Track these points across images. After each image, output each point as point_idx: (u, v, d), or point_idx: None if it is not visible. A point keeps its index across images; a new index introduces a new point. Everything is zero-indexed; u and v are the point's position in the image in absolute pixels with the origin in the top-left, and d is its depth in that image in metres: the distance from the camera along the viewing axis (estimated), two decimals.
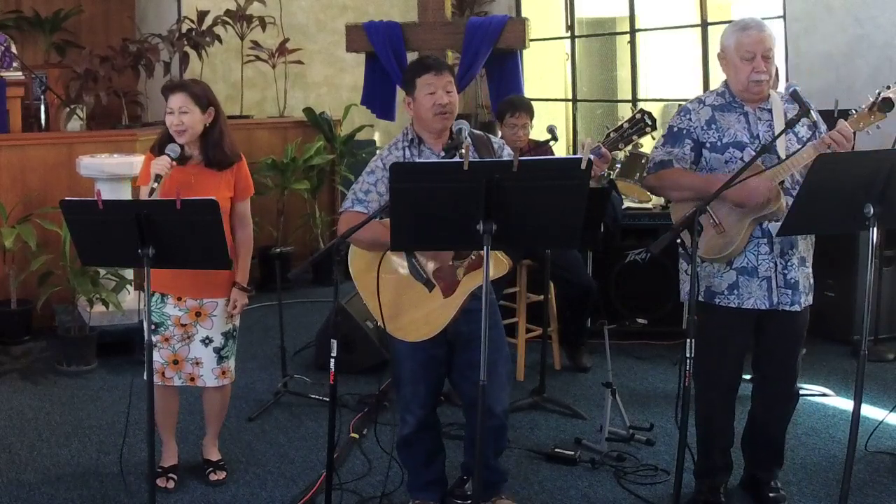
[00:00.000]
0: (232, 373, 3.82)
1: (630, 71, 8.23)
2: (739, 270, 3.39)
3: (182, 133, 3.61)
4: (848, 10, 6.14)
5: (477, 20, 5.46)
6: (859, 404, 2.97)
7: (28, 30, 8.50)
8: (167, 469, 3.85)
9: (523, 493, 3.79)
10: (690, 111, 3.47)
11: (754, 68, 3.31)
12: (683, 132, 3.45)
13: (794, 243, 3.39)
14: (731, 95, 3.44)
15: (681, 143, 3.45)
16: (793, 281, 3.38)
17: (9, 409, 4.70)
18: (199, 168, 3.67)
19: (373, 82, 5.84)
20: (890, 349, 5.44)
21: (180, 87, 3.69)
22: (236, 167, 3.76)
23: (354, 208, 3.30)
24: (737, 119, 3.41)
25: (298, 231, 7.64)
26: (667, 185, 3.51)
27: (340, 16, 8.59)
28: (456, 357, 3.39)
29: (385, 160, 3.33)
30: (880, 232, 2.96)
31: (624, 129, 3.22)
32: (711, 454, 3.63)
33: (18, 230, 5.49)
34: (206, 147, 3.68)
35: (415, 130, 3.37)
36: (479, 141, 3.37)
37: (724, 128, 3.40)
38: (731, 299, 3.41)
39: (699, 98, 3.52)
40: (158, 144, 3.70)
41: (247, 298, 3.76)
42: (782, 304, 3.39)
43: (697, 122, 3.44)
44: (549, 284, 4.95)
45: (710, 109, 3.44)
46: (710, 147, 3.41)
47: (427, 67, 3.32)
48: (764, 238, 3.36)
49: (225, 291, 3.70)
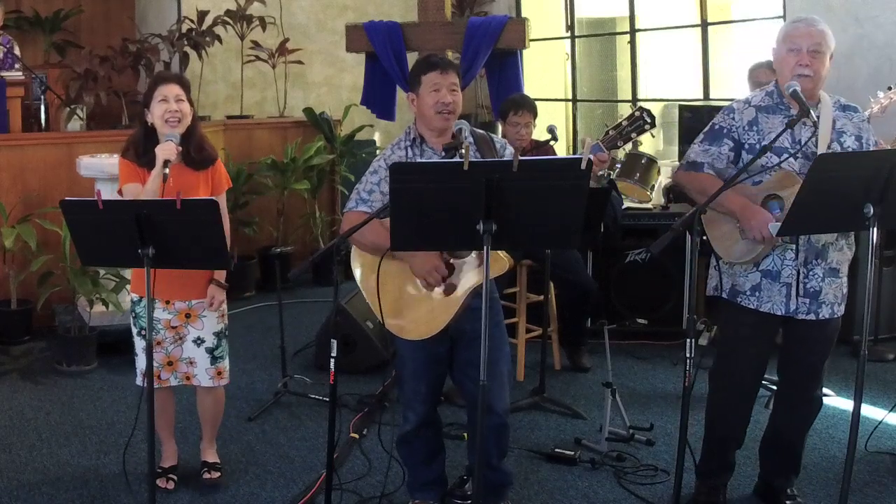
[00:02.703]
0: (227, 373, 3.80)
1: (630, 71, 8.23)
2: (764, 273, 3.36)
3: (178, 122, 3.57)
4: (848, 10, 6.14)
5: (477, 20, 5.46)
6: (859, 404, 2.97)
7: (28, 30, 8.49)
8: (167, 469, 3.86)
9: (523, 493, 3.79)
10: (735, 111, 3.42)
11: (798, 61, 3.25)
12: (724, 131, 3.40)
13: (823, 254, 3.33)
14: (779, 95, 3.39)
15: (719, 142, 3.40)
16: (813, 290, 3.33)
17: (9, 409, 4.70)
18: (178, 168, 3.59)
19: (373, 82, 5.83)
20: (890, 349, 5.45)
21: (175, 78, 3.69)
22: (212, 168, 3.73)
23: (358, 208, 3.31)
24: (780, 122, 3.32)
25: (298, 231, 7.64)
26: (695, 188, 3.44)
27: (340, 16, 8.59)
28: (457, 354, 3.39)
29: (388, 160, 3.34)
30: (880, 232, 2.95)
31: (623, 126, 3.21)
32: (716, 454, 3.61)
33: (18, 230, 5.49)
34: (186, 146, 3.63)
35: (417, 129, 3.37)
36: (481, 140, 3.37)
37: (765, 130, 3.34)
38: (751, 300, 3.39)
39: (746, 98, 3.47)
40: (133, 145, 3.65)
41: (224, 294, 3.73)
42: (799, 313, 3.35)
43: (740, 121, 3.39)
44: (549, 284, 4.94)
45: (755, 110, 3.39)
46: (749, 149, 3.36)
47: (433, 65, 3.32)
48: (792, 244, 3.32)
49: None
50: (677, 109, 6.81)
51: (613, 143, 3.19)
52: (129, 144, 3.69)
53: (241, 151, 7.42)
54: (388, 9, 8.58)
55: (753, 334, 3.44)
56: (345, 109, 7.76)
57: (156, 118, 3.59)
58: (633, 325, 5.74)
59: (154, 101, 3.59)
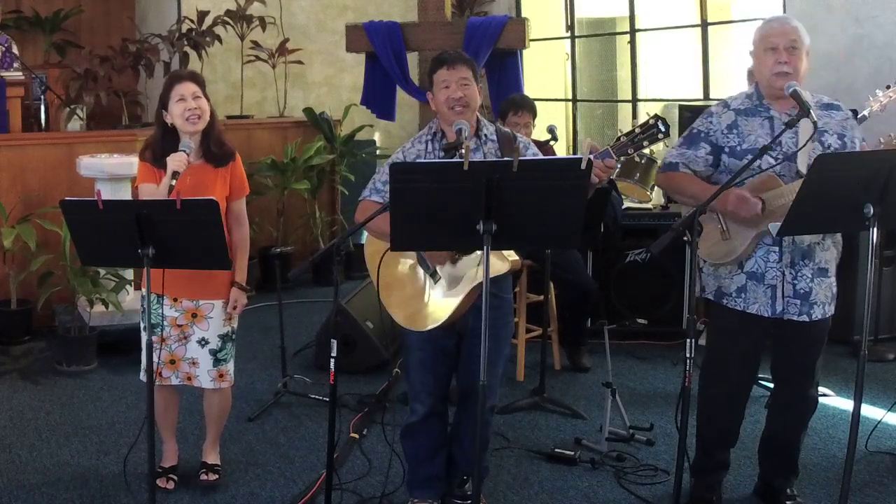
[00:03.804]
0: (230, 376, 3.78)
1: (630, 71, 8.23)
2: (749, 275, 3.38)
3: (198, 119, 3.57)
4: (848, 10, 6.14)
5: (477, 20, 5.46)
6: (859, 404, 2.97)
7: (28, 30, 8.50)
8: (167, 469, 3.85)
9: (523, 493, 3.79)
10: (713, 114, 3.43)
11: (777, 59, 3.26)
12: (701, 135, 3.42)
13: (810, 254, 3.34)
14: (758, 97, 3.40)
15: (696, 146, 3.42)
16: (803, 292, 3.34)
17: (9, 409, 4.70)
18: (197, 165, 3.62)
19: (373, 82, 5.84)
20: (890, 349, 5.45)
21: (190, 75, 3.69)
22: (231, 165, 3.74)
23: (371, 197, 3.36)
24: (760, 124, 3.35)
25: (298, 231, 7.64)
26: (672, 188, 3.52)
27: (340, 16, 8.58)
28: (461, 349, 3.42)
29: (406, 152, 3.39)
30: (880, 232, 2.95)
31: (635, 134, 3.10)
32: (709, 452, 3.63)
33: (18, 230, 5.49)
34: (207, 142, 3.65)
35: (438, 124, 3.39)
36: (504, 138, 3.39)
37: (745, 133, 3.36)
38: (737, 302, 3.40)
39: (725, 101, 3.48)
40: (151, 146, 3.65)
41: (246, 298, 3.75)
42: (789, 314, 3.35)
43: (718, 125, 3.40)
44: (549, 284, 4.94)
45: (734, 114, 3.40)
46: (730, 152, 3.37)
47: (441, 62, 3.33)
48: (775, 246, 3.33)
49: (221, 293, 3.68)
50: (677, 109, 6.81)
51: (624, 151, 3.08)
52: (147, 146, 3.69)
53: (241, 151, 7.24)
54: (388, 9, 8.58)
55: (740, 334, 3.45)
56: (345, 109, 7.76)
57: (175, 117, 3.58)
58: (633, 325, 5.74)
59: (172, 101, 3.58)
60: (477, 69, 3.40)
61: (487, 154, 3.33)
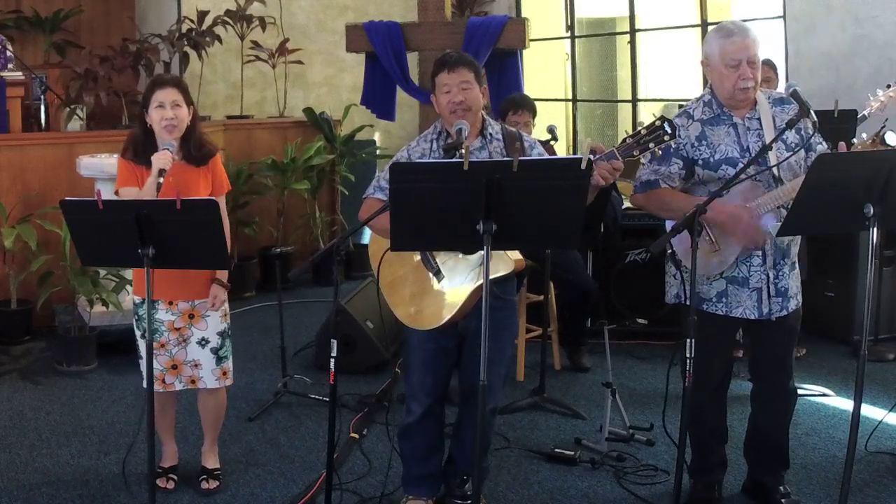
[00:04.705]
0: (231, 374, 3.79)
1: (630, 71, 8.23)
2: (729, 280, 3.37)
3: (173, 129, 3.58)
4: (848, 10, 6.14)
5: (477, 20, 5.46)
6: (859, 404, 2.97)
7: (28, 30, 8.49)
8: (167, 469, 3.85)
9: (523, 493, 3.79)
10: (679, 127, 3.33)
11: (740, 76, 3.25)
12: (671, 150, 3.32)
13: (788, 252, 3.37)
14: (718, 105, 3.37)
15: (667, 162, 3.36)
16: (783, 289, 3.38)
17: (9, 409, 4.70)
18: (178, 166, 3.60)
19: (373, 82, 5.84)
20: (890, 349, 5.44)
21: (172, 81, 3.67)
22: (211, 163, 3.74)
23: (375, 195, 3.38)
24: (726, 133, 3.34)
25: (298, 231, 7.64)
26: (654, 206, 3.44)
27: (340, 16, 8.59)
28: (464, 349, 3.42)
29: (412, 150, 3.40)
30: (880, 232, 2.95)
31: (641, 135, 3.07)
32: (705, 452, 3.64)
33: (18, 230, 5.49)
34: (187, 143, 3.66)
35: (443, 124, 3.40)
36: (509, 137, 3.39)
37: (715, 144, 3.33)
38: (718, 307, 3.40)
39: (686, 112, 3.43)
40: (133, 144, 3.66)
41: (225, 294, 3.73)
42: (774, 313, 3.37)
43: (687, 138, 3.36)
44: (549, 284, 4.95)
45: (700, 125, 3.37)
46: (703, 164, 3.35)
47: (441, 65, 3.34)
48: (758, 251, 3.34)
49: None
50: (677, 109, 6.80)
51: (629, 152, 3.06)
52: (127, 144, 3.70)
53: (241, 151, 7.43)
54: (388, 9, 8.58)
55: (720, 339, 3.47)
56: (345, 109, 7.77)
57: (154, 123, 3.61)
58: (633, 325, 5.73)
59: (151, 106, 3.60)
60: (479, 70, 3.40)
61: (493, 153, 3.34)
